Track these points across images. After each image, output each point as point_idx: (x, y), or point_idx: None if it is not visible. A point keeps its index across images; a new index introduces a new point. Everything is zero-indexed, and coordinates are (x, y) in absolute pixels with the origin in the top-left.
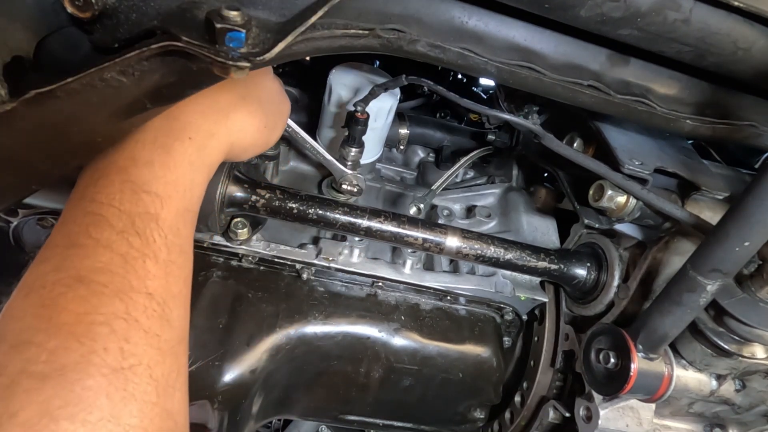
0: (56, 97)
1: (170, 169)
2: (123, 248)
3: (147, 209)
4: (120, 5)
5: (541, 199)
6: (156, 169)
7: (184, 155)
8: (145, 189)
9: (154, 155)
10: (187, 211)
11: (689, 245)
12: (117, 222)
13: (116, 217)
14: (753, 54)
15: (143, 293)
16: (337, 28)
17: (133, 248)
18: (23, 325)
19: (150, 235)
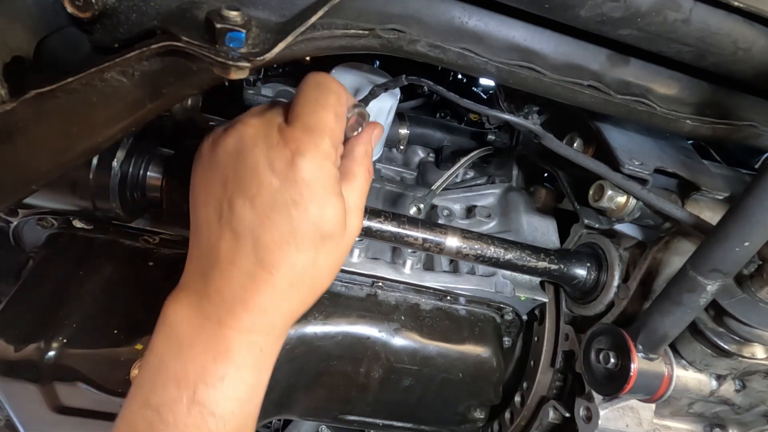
0: (56, 97)
1: (238, 385)
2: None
3: (209, 428)
4: (120, 5)
5: (541, 199)
6: (225, 388)
7: (254, 367)
8: (212, 411)
9: (227, 370)
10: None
11: (689, 245)
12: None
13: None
14: (753, 54)
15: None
16: (337, 28)
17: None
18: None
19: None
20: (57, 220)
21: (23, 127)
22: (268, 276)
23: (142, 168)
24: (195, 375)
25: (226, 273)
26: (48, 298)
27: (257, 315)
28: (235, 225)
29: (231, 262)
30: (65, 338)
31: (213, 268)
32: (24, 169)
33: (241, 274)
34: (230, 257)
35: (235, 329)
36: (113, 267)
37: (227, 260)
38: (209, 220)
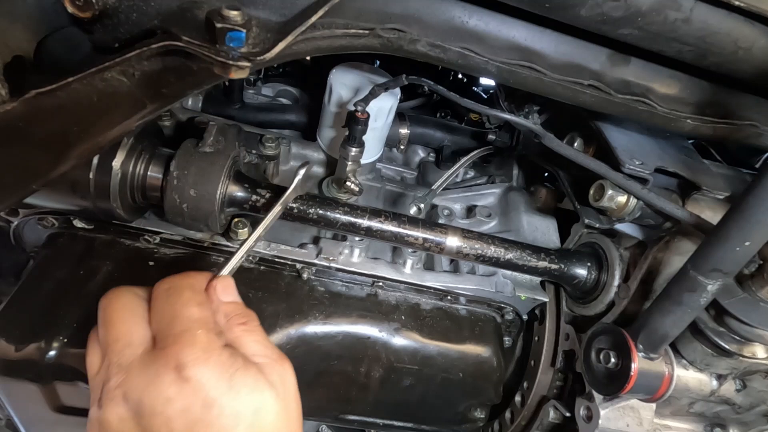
0: (56, 97)
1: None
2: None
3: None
4: (120, 5)
5: (541, 199)
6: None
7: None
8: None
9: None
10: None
11: (690, 245)
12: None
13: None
14: (754, 53)
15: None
16: (337, 27)
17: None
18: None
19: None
20: (57, 219)
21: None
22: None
23: (142, 168)
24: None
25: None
26: (48, 297)
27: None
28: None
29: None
30: (66, 338)
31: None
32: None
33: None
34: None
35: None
36: (113, 267)
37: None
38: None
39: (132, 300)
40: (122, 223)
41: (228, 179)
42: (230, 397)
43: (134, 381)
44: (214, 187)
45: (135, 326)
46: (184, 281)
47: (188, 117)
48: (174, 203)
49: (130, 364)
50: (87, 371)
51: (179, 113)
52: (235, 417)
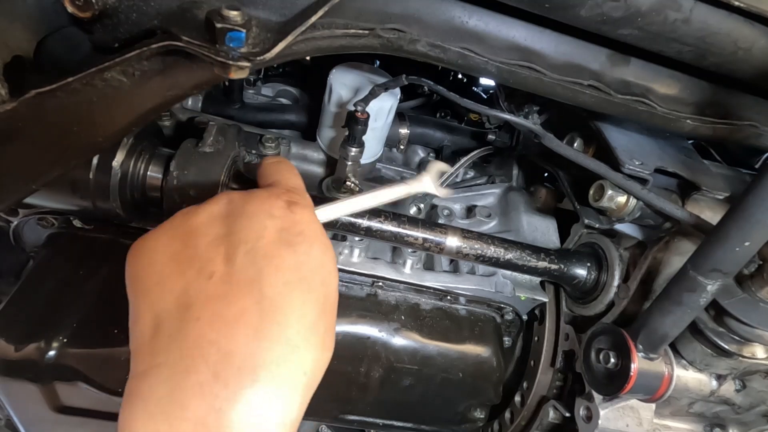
0: (56, 97)
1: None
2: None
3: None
4: (120, 5)
5: (541, 199)
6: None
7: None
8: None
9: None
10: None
11: (689, 245)
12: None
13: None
14: (753, 54)
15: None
16: (337, 27)
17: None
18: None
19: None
20: (57, 219)
21: (23, 127)
22: (279, 330)
23: (142, 168)
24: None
25: (223, 341)
26: (48, 297)
27: (272, 389)
28: (236, 277)
29: (230, 324)
30: (65, 338)
31: (201, 344)
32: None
33: (246, 337)
34: (227, 317)
35: (244, 426)
36: (113, 267)
37: (223, 323)
38: (191, 285)
39: None
40: (122, 223)
41: (228, 179)
42: (320, 247)
43: (243, 196)
44: (214, 187)
45: None
46: (290, 164)
47: (188, 117)
48: (174, 203)
49: (245, 190)
50: None
51: (179, 113)
52: (314, 266)
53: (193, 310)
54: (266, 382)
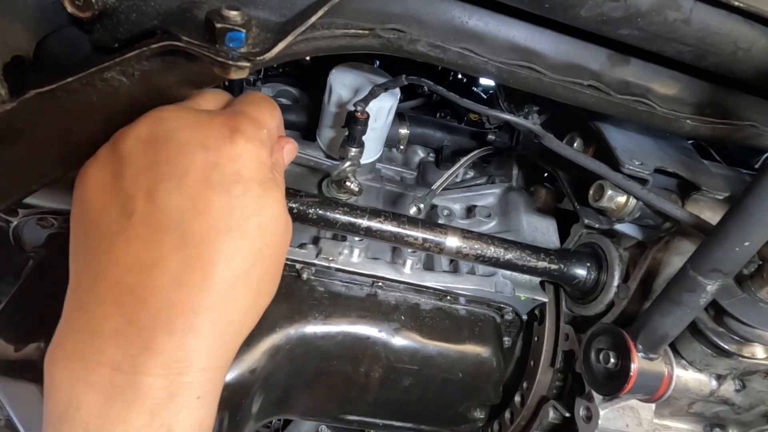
0: (56, 97)
1: None
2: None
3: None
4: (120, 5)
5: (541, 199)
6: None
7: (192, 421)
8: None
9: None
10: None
11: (689, 245)
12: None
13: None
14: (753, 54)
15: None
16: (337, 27)
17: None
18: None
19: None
20: (57, 219)
21: (23, 127)
22: (202, 278)
23: None
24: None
25: (140, 288)
26: (48, 297)
27: (190, 342)
28: (156, 217)
29: (146, 270)
30: None
31: (118, 289)
32: (24, 169)
33: (163, 284)
34: (146, 262)
35: (159, 375)
36: None
37: (141, 268)
38: (114, 224)
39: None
40: None
41: None
42: (258, 187)
43: (179, 115)
44: None
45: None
46: (273, 102)
47: None
48: None
49: (189, 107)
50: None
51: None
52: (250, 207)
53: (113, 251)
54: (184, 331)
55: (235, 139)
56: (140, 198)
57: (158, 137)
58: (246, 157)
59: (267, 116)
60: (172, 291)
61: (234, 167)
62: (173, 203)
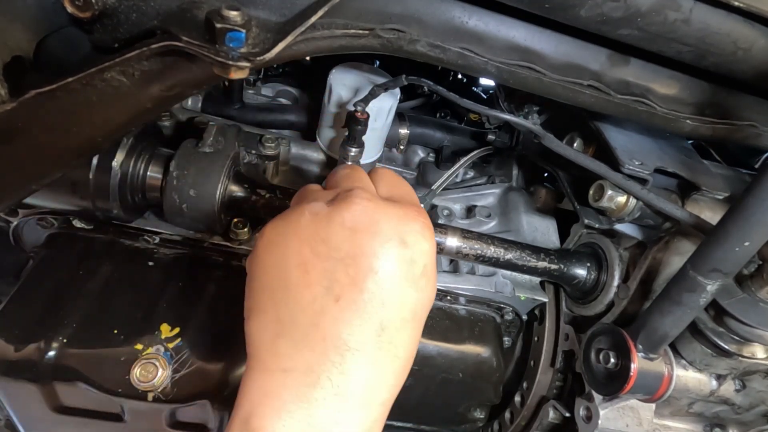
0: (56, 97)
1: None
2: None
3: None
4: (120, 5)
5: (541, 199)
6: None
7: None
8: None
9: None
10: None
11: (689, 245)
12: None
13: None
14: (753, 54)
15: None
16: (337, 28)
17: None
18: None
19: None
20: (57, 219)
21: (23, 127)
22: (391, 361)
23: (141, 168)
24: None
25: (346, 366)
26: (48, 298)
27: (377, 414)
28: (361, 306)
29: (353, 350)
30: (65, 338)
31: (326, 364)
32: (24, 169)
33: (365, 365)
34: (351, 344)
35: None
36: (113, 267)
37: (347, 348)
38: (318, 301)
39: None
40: (122, 223)
41: (228, 179)
42: (432, 280)
43: (375, 206)
44: (214, 187)
45: None
46: None
47: (188, 117)
48: (174, 203)
49: (375, 196)
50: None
51: (179, 113)
52: (426, 301)
53: (320, 328)
54: (375, 409)
55: (425, 235)
56: (347, 284)
57: (363, 228)
58: (430, 251)
59: (417, 198)
60: (371, 371)
61: (424, 261)
62: (377, 294)
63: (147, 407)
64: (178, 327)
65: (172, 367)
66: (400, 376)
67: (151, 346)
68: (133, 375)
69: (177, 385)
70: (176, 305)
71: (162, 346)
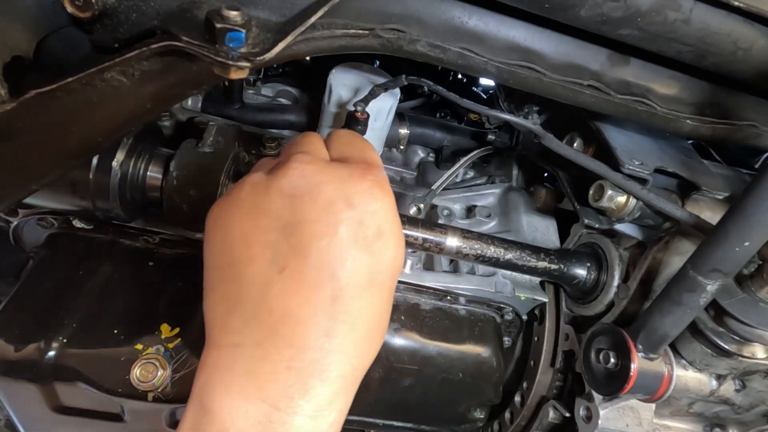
0: (56, 97)
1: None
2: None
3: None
4: (120, 5)
5: (541, 199)
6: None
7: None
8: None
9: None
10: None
11: (689, 245)
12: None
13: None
14: (753, 54)
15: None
16: (337, 28)
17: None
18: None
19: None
20: (57, 219)
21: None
22: (349, 330)
23: (142, 168)
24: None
25: (299, 342)
26: (48, 298)
27: (338, 383)
28: (308, 274)
29: (302, 322)
30: (65, 338)
31: (276, 338)
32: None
33: (316, 338)
34: (301, 316)
35: (312, 413)
36: (113, 267)
37: (296, 321)
38: (263, 275)
39: None
40: (122, 223)
41: (228, 179)
42: (395, 241)
43: (318, 168)
44: (214, 187)
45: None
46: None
47: (188, 117)
48: (174, 203)
49: (320, 158)
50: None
51: (179, 113)
52: (387, 263)
53: (267, 302)
54: (334, 380)
55: (375, 194)
56: (291, 254)
57: (303, 193)
58: (384, 210)
59: (376, 155)
60: (325, 342)
61: (376, 222)
62: (324, 262)
63: (147, 407)
64: (178, 327)
65: (172, 367)
66: (362, 347)
67: (151, 346)
68: (133, 375)
69: (177, 385)
70: (176, 305)
71: (162, 346)
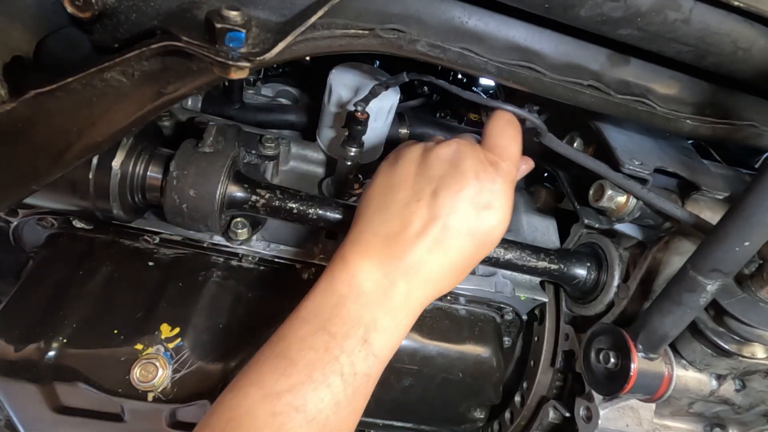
0: (56, 98)
1: (394, 337)
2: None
3: (368, 364)
4: (120, 5)
5: (541, 199)
6: (387, 337)
7: (406, 325)
8: (375, 352)
9: (391, 323)
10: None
11: (689, 245)
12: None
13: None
14: (753, 54)
15: None
16: (337, 27)
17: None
18: None
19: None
20: (57, 220)
21: (23, 127)
22: (443, 257)
23: (141, 168)
24: (368, 321)
25: (411, 244)
26: (48, 298)
27: (424, 284)
28: (435, 209)
29: (418, 235)
30: (65, 338)
31: (400, 238)
32: (24, 169)
33: (423, 247)
34: (419, 232)
35: (405, 293)
36: (113, 267)
37: (415, 234)
38: (407, 199)
39: None
40: (122, 224)
41: (228, 179)
42: (498, 217)
43: (469, 150)
44: (214, 187)
45: None
46: (517, 124)
47: (188, 117)
48: (174, 203)
49: (475, 146)
50: None
51: (179, 113)
52: (484, 229)
53: (402, 214)
54: (418, 283)
55: (496, 179)
56: (428, 192)
57: (453, 160)
58: (499, 191)
59: (516, 148)
60: (425, 255)
61: (489, 197)
62: (445, 205)
63: (147, 407)
64: (178, 327)
65: (172, 367)
66: (443, 274)
67: (151, 346)
68: (133, 375)
69: (177, 385)
70: (176, 305)
71: (162, 346)
